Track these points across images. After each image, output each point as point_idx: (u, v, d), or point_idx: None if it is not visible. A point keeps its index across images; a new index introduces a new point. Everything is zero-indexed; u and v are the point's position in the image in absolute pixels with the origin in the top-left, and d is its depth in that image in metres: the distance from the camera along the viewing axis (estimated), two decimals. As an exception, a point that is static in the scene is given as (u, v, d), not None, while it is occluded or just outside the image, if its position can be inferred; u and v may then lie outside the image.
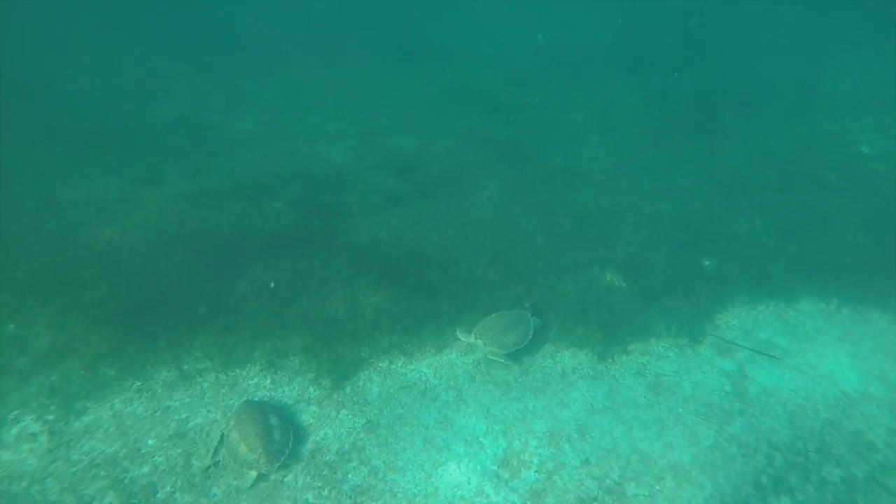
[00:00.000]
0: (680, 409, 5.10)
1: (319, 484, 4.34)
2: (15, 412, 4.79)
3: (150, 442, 4.61)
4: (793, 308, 6.36)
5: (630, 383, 5.34)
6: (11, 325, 5.63)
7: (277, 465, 4.32)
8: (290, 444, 4.47)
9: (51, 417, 4.76)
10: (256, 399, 4.96)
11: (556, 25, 16.55)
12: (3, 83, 10.51)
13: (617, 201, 8.21)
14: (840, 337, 5.98)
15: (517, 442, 4.72)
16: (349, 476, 4.41)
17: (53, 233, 6.93)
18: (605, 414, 5.00)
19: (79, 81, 11.56)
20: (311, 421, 4.84)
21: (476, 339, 5.42)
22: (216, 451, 4.47)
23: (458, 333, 5.55)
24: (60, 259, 6.47)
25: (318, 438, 4.68)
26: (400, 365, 5.40)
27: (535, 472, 4.48)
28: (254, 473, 4.29)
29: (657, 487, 4.41)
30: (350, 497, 4.26)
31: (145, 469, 4.41)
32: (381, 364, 5.39)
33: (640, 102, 12.35)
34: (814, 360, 5.68)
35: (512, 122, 11.04)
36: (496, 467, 4.51)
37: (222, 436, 4.56)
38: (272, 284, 6.16)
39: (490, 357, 5.40)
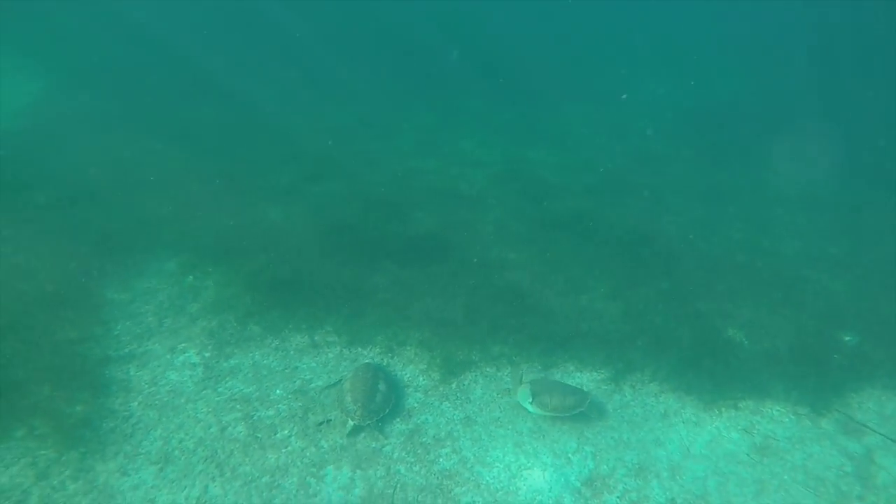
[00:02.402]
0: (785, 476, 4.87)
1: (412, 459, 4.73)
2: (183, 344, 5.73)
3: (278, 392, 5.30)
4: (942, 402, 5.77)
5: (734, 438, 5.18)
6: (190, 277, 6.71)
7: (369, 421, 4.89)
8: (388, 409, 5.03)
9: (207, 354, 5.64)
10: (374, 363, 5.52)
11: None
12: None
13: (754, 261, 7.91)
14: None
15: (605, 466, 4.79)
16: (441, 460, 4.76)
17: (232, 209, 8.10)
18: (701, 461, 4.91)
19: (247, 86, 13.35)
20: (416, 405, 5.26)
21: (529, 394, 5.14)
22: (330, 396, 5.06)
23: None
24: (233, 231, 7.56)
25: (418, 421, 5.09)
26: (506, 374, 5.68)
27: (618, 497, 4.53)
28: (351, 423, 4.89)
29: (745, 544, 4.27)
30: (438, 477, 4.60)
31: (271, 412, 5.08)
32: (488, 369, 5.71)
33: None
34: (957, 461, 5.13)
35: (658, 173, 10.98)
36: (580, 484, 4.62)
37: (340, 382, 5.27)
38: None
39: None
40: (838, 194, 10.35)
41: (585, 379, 5.71)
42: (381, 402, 5.04)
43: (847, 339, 6.55)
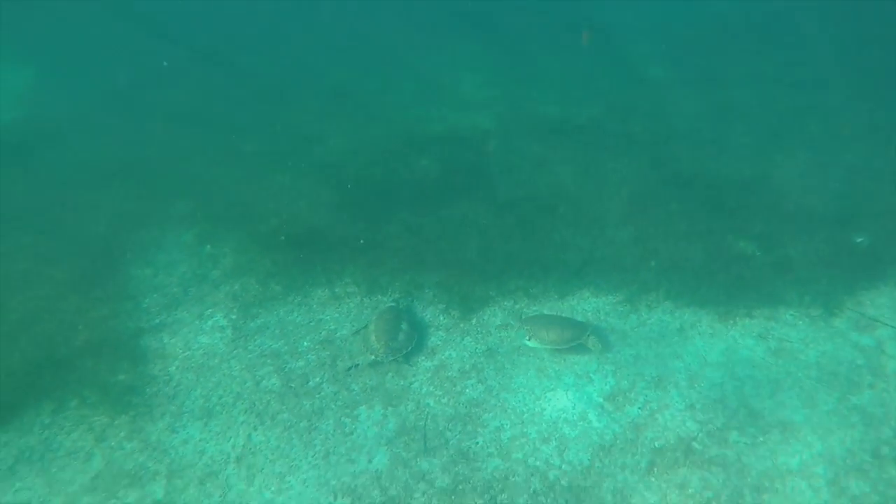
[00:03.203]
0: (800, 374, 5.03)
1: (440, 392, 4.97)
2: (210, 310, 5.96)
3: (305, 343, 5.53)
4: (955, 291, 5.86)
5: (749, 344, 5.33)
6: (208, 247, 6.90)
7: (391, 358, 5.18)
8: (410, 348, 5.30)
9: (234, 317, 5.87)
10: (397, 306, 5.75)
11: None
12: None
13: (765, 173, 7.90)
14: None
15: (625, 382, 4.99)
16: (467, 390, 4.99)
17: (239, 177, 8.22)
18: (718, 369, 5.09)
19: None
20: (439, 343, 5.47)
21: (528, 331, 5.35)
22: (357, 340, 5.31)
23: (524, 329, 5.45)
24: (244, 198, 7.70)
25: (443, 357, 5.31)
26: (524, 306, 5.85)
27: (639, 408, 4.74)
28: (372, 357, 5.22)
29: (761, 438, 4.47)
30: (465, 406, 4.84)
31: (301, 363, 5.32)
32: (506, 303, 5.88)
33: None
34: (969, 345, 5.25)
35: (659, 100, 10.83)
36: (602, 400, 4.84)
37: (366, 326, 5.54)
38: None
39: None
40: (851, 101, 10.17)
41: (601, 303, 5.86)
42: (404, 341, 5.29)
43: (859, 240, 6.61)
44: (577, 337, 5.20)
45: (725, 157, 8.43)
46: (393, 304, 5.83)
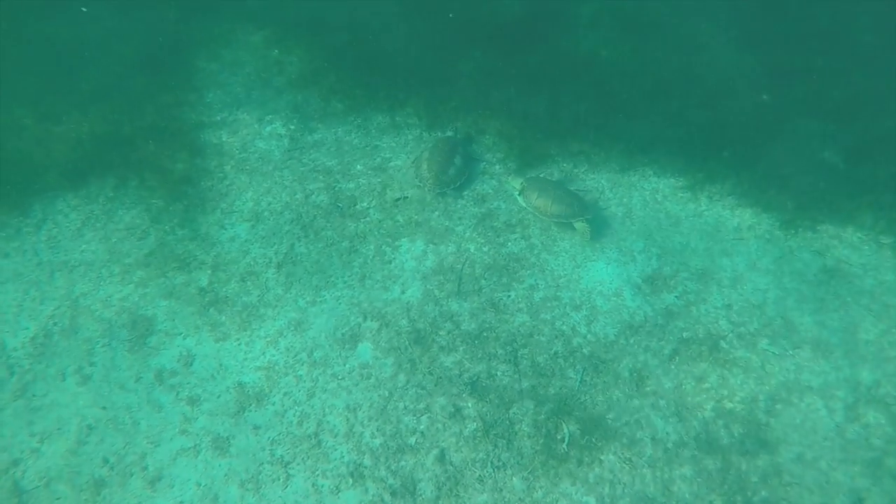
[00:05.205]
0: (849, 299, 4.87)
1: (482, 240, 5.00)
2: (269, 116, 5.95)
3: (358, 167, 5.53)
4: None
5: (804, 258, 5.13)
6: (275, 51, 6.71)
7: (438, 191, 5.22)
8: (459, 183, 5.31)
9: (293, 127, 5.85)
10: (455, 137, 5.65)
11: None
12: None
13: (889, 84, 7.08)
14: None
15: (668, 268, 4.92)
16: (509, 244, 5.01)
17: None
18: (766, 275, 4.95)
19: None
20: (490, 191, 5.41)
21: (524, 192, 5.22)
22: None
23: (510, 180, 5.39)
24: (316, 8, 7.28)
25: (491, 206, 5.27)
26: (582, 171, 5.66)
27: (676, 297, 4.73)
28: (420, 185, 5.30)
29: (791, 352, 4.45)
30: (505, 259, 4.89)
31: (351, 185, 5.37)
32: (564, 164, 5.69)
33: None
34: None
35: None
36: (640, 280, 4.82)
37: (420, 154, 5.49)
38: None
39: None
40: None
41: (662, 185, 5.62)
42: (454, 175, 5.28)
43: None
44: (565, 216, 5.00)
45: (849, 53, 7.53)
46: (451, 133, 5.70)
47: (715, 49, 7.17)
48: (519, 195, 5.23)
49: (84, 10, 7.61)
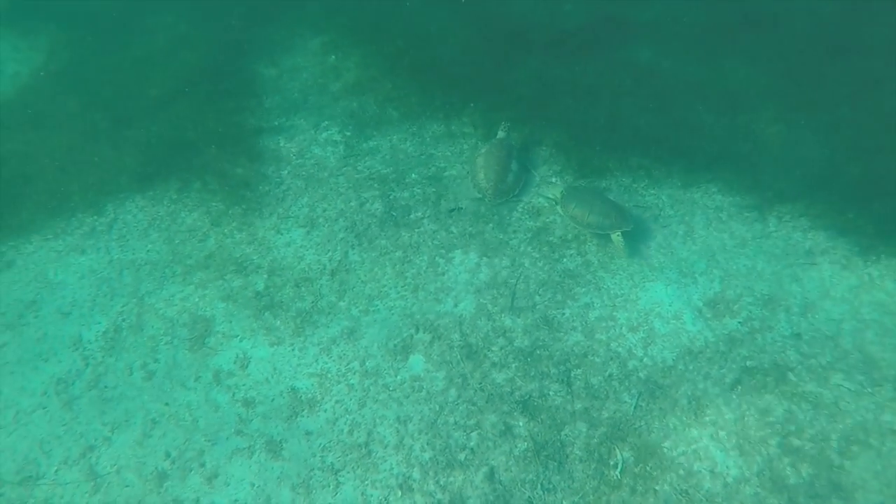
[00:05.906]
0: (935, 331, 4.54)
1: (537, 255, 4.89)
2: (326, 122, 6.00)
3: (413, 175, 5.51)
4: None
5: (889, 288, 4.79)
6: (332, 57, 6.77)
7: (499, 200, 5.14)
8: (517, 191, 5.24)
9: (348, 133, 5.88)
10: (508, 138, 5.54)
11: None
12: None
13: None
14: None
15: (731, 292, 4.70)
16: (565, 260, 4.88)
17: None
18: (841, 304, 4.66)
19: None
20: (545, 205, 5.29)
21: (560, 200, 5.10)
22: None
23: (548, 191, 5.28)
24: (373, 15, 7.32)
25: (547, 220, 5.16)
26: (642, 186, 5.48)
27: (740, 323, 4.50)
28: (479, 196, 5.20)
29: (870, 390, 4.16)
30: (560, 275, 4.76)
31: (406, 194, 5.34)
32: (623, 179, 5.52)
33: None
34: None
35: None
36: (702, 304, 4.62)
37: (475, 159, 5.40)
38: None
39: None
40: None
41: (727, 203, 5.38)
42: (513, 182, 5.20)
43: None
44: (602, 227, 4.85)
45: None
46: (503, 134, 5.55)
47: (789, 58, 6.83)
48: (557, 204, 5.10)
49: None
